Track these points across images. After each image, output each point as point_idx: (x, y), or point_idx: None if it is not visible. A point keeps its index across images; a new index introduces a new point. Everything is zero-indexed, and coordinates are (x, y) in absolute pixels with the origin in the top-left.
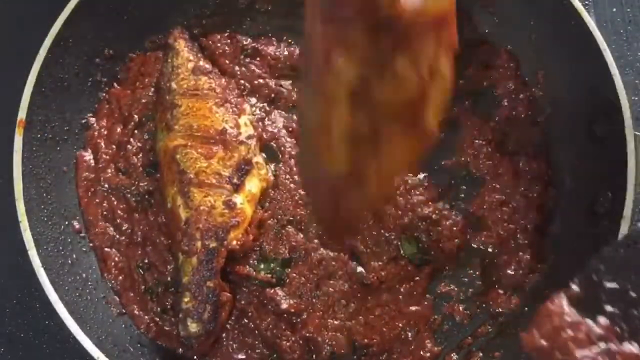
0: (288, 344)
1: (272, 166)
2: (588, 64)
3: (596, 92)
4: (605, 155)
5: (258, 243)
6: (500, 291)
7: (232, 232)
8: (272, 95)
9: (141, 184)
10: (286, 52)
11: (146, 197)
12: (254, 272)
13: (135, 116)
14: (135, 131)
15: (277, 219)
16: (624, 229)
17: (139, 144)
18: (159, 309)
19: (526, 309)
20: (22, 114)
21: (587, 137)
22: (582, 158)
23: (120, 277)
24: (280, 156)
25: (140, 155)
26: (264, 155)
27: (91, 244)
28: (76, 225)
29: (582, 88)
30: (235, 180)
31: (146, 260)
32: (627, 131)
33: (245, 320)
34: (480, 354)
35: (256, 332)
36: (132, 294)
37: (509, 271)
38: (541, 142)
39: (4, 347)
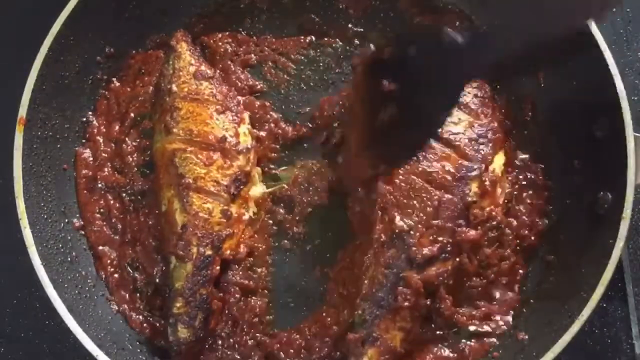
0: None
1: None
2: (588, 64)
3: (596, 92)
4: (605, 156)
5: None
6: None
7: (227, 241)
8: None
9: (136, 183)
10: None
11: (139, 197)
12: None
13: (132, 114)
14: (132, 130)
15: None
16: (623, 229)
17: (134, 143)
18: (148, 308)
19: (524, 310)
20: (22, 112)
21: (587, 137)
22: (582, 158)
23: (116, 275)
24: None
25: (136, 154)
26: (259, 170)
27: (88, 242)
28: (76, 222)
29: (582, 88)
30: (232, 190)
31: (136, 259)
32: (627, 132)
33: (238, 330)
34: None
35: (251, 341)
36: (124, 292)
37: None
38: (541, 142)
39: (4, 347)
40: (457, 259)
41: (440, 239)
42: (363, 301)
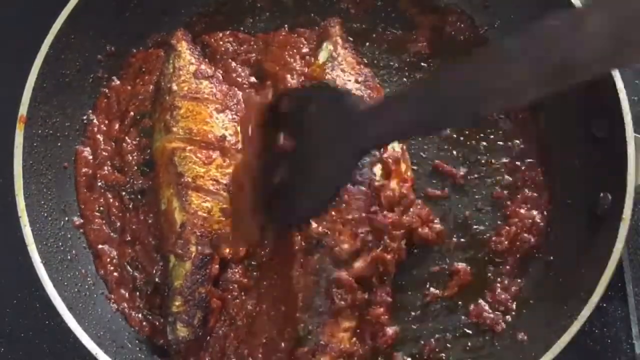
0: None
1: None
2: None
3: (596, 92)
4: (605, 156)
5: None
6: (499, 292)
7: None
8: None
9: (136, 182)
10: None
11: (139, 196)
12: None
13: (132, 112)
14: (132, 128)
15: None
16: (623, 230)
17: (134, 142)
18: (147, 306)
19: (524, 310)
20: (22, 110)
21: (587, 137)
22: (582, 159)
23: (115, 274)
24: None
25: (136, 153)
26: None
27: (87, 240)
28: (76, 221)
29: (582, 88)
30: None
31: (135, 258)
32: (627, 132)
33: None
34: None
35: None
36: (123, 291)
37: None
38: (541, 142)
39: (4, 347)
40: (383, 245)
41: (359, 231)
42: (302, 313)
